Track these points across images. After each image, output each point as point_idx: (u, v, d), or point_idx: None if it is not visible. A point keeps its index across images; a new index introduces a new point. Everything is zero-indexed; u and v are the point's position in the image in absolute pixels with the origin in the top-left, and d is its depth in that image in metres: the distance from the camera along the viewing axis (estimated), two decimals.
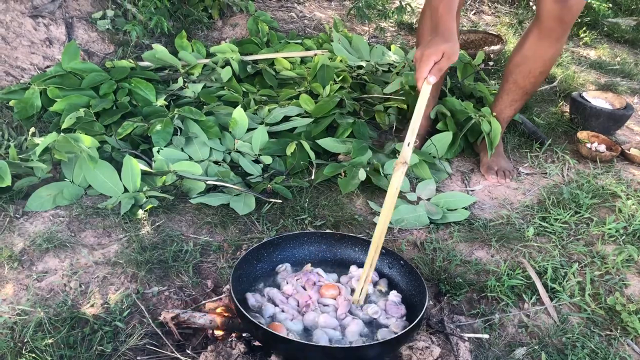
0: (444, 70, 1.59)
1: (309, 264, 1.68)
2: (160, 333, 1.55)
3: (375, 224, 2.06)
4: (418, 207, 2.13)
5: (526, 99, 2.44)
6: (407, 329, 1.31)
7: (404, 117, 2.74)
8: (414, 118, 1.49)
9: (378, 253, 1.51)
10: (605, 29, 4.44)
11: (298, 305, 1.52)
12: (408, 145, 1.47)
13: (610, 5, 4.57)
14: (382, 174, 2.25)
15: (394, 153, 2.39)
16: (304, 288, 1.58)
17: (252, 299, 1.51)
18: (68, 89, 2.51)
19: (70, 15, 3.05)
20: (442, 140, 2.47)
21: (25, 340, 1.50)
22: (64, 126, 2.24)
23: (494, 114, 2.47)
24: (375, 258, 1.51)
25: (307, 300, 1.51)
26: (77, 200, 2.06)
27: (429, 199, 2.21)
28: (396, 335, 1.32)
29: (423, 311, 1.36)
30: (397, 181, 1.46)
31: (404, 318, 1.50)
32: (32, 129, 2.18)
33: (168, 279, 1.77)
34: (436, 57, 1.55)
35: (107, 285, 1.72)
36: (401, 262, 1.61)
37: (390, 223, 2.06)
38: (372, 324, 1.48)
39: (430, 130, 2.59)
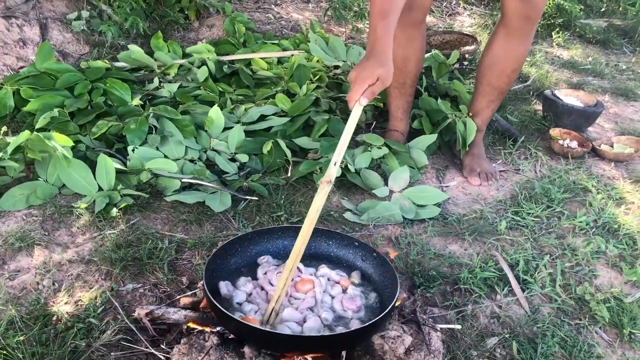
0: (376, 94, 1.57)
1: None
2: (134, 329, 1.55)
3: (347, 220, 2.09)
4: (392, 205, 2.15)
5: (502, 97, 2.45)
6: (378, 317, 1.33)
7: (381, 114, 2.77)
8: (343, 138, 1.46)
9: (292, 274, 1.44)
10: (578, 30, 4.53)
11: (267, 297, 1.53)
12: (334, 164, 1.43)
13: (582, 7, 4.66)
14: (353, 171, 2.27)
15: (366, 145, 2.40)
16: None
17: (224, 288, 1.52)
18: (42, 89, 2.50)
19: (44, 16, 3.03)
20: (424, 142, 2.49)
21: None
22: (37, 126, 2.23)
23: (471, 114, 2.49)
24: (288, 280, 1.43)
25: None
26: (51, 199, 2.05)
27: (402, 190, 2.23)
28: (368, 323, 1.33)
29: (394, 301, 1.38)
30: (319, 201, 1.41)
31: (361, 311, 1.51)
32: (4, 128, 2.16)
33: (143, 276, 1.77)
34: (371, 80, 1.53)
35: (81, 283, 1.72)
36: (374, 254, 1.63)
37: (364, 220, 2.10)
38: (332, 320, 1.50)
39: (411, 130, 2.62)
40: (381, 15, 1.67)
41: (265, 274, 1.60)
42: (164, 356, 1.46)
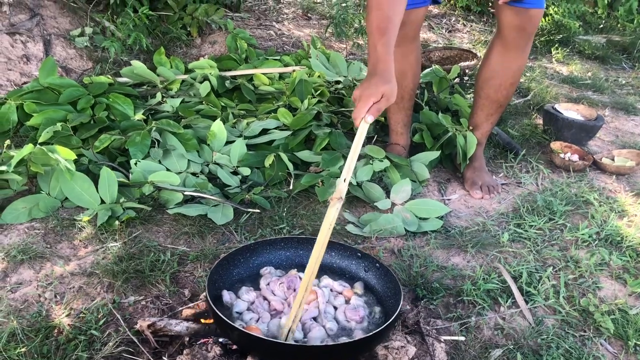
0: (382, 111, 1.58)
1: (295, 269, 1.69)
2: (136, 341, 1.54)
3: (350, 233, 2.09)
4: (394, 217, 2.15)
5: (501, 111, 2.46)
6: (382, 327, 1.32)
7: (382, 128, 2.79)
8: (351, 155, 1.47)
9: (309, 291, 1.44)
10: (577, 46, 4.57)
11: (270, 307, 1.53)
12: (344, 181, 1.44)
13: (581, 23, 4.70)
14: (355, 184, 2.28)
15: (367, 158, 2.41)
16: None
17: (227, 296, 1.51)
18: (45, 103, 2.51)
19: (48, 33, 3.07)
20: (426, 158, 2.50)
21: None
22: (40, 140, 2.24)
23: (471, 127, 2.50)
24: (306, 297, 1.42)
25: (274, 308, 1.53)
26: (54, 212, 2.05)
27: (404, 203, 2.23)
28: (372, 333, 1.32)
29: (397, 311, 1.37)
30: (331, 217, 1.43)
31: (364, 321, 1.51)
32: (7, 141, 2.17)
33: (145, 288, 1.76)
34: (375, 98, 1.54)
35: (83, 296, 1.71)
36: (377, 264, 1.63)
37: (367, 233, 2.09)
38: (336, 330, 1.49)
39: (412, 144, 2.63)
40: (379, 33, 1.67)
41: (268, 284, 1.59)
42: None
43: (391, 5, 1.71)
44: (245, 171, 2.33)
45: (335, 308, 1.55)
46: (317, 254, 1.42)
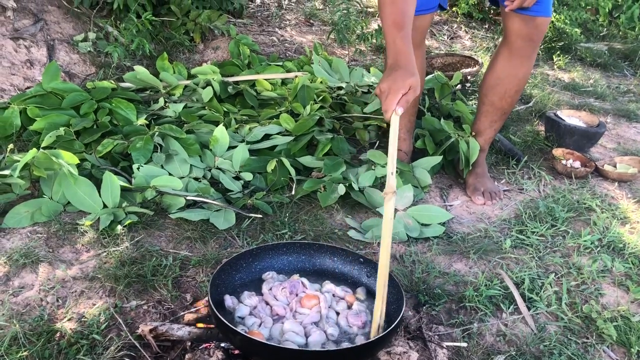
0: (410, 102, 1.59)
1: (297, 274, 1.69)
2: (138, 345, 1.54)
3: (352, 239, 2.09)
4: (396, 223, 2.15)
5: (505, 118, 2.45)
6: (384, 333, 1.32)
7: (384, 134, 2.79)
8: (391, 147, 1.49)
9: (387, 287, 1.46)
10: (578, 53, 4.57)
11: (272, 312, 1.53)
12: (392, 174, 1.47)
13: (582, 30, 4.71)
14: (357, 189, 2.28)
15: (370, 164, 2.41)
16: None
17: (229, 300, 1.51)
18: (48, 108, 2.52)
19: (51, 38, 3.08)
20: (428, 163, 2.50)
21: (0, 354, 1.48)
22: (43, 144, 2.24)
23: (473, 133, 2.50)
24: (384, 292, 1.45)
25: (277, 312, 1.53)
26: (56, 216, 2.05)
27: (406, 209, 2.23)
28: (374, 338, 1.32)
29: (400, 316, 1.37)
30: (389, 212, 1.46)
31: (366, 327, 1.51)
32: (11, 146, 2.17)
33: (147, 293, 1.76)
34: (404, 90, 1.55)
35: (85, 300, 1.71)
36: None
37: (369, 238, 2.09)
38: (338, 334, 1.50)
39: (414, 150, 2.63)
40: (397, 28, 1.68)
41: (271, 289, 1.59)
42: None
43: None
44: (248, 176, 2.33)
45: (338, 313, 1.55)
46: (386, 246, 1.45)
